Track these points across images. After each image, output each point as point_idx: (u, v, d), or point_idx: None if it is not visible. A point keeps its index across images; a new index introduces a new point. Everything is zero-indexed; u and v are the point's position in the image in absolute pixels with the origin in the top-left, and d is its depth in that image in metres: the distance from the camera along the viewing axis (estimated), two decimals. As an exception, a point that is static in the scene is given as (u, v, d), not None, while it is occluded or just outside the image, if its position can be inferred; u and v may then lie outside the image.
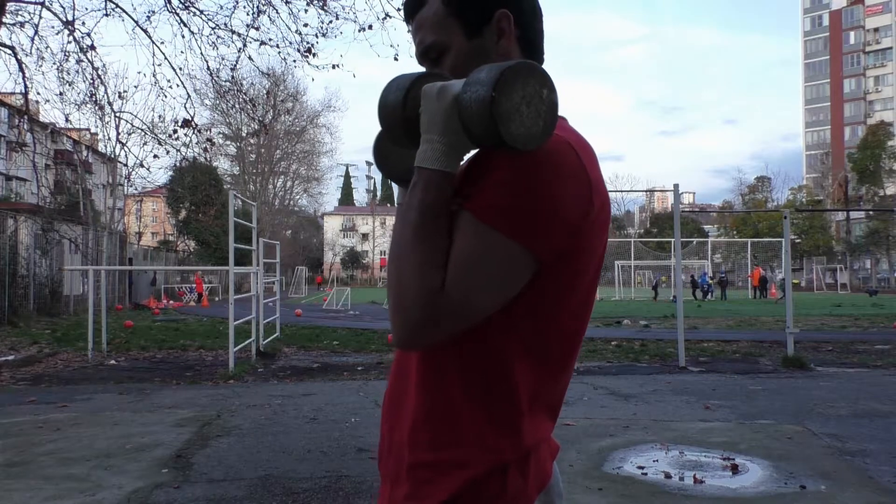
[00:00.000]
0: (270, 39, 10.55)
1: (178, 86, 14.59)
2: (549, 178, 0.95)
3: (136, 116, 20.73)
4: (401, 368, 1.10)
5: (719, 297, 34.36)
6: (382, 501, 1.10)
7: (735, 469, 4.45)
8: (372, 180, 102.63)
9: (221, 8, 27.97)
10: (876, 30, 76.32)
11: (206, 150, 12.80)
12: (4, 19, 9.90)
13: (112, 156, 29.33)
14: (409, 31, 1.15)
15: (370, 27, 10.21)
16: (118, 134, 13.14)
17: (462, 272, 0.94)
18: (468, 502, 0.99)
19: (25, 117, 13.43)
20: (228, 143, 47.73)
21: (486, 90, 0.91)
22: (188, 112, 11.16)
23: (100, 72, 11.07)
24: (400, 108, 1.02)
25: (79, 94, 12.35)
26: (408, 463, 1.03)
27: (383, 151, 1.18)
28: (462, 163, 1.03)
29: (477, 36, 1.07)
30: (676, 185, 10.34)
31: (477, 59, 1.07)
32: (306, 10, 10.33)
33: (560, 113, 1.09)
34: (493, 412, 1.00)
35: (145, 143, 27.38)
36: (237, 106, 13.83)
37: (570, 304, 1.03)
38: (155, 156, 29.75)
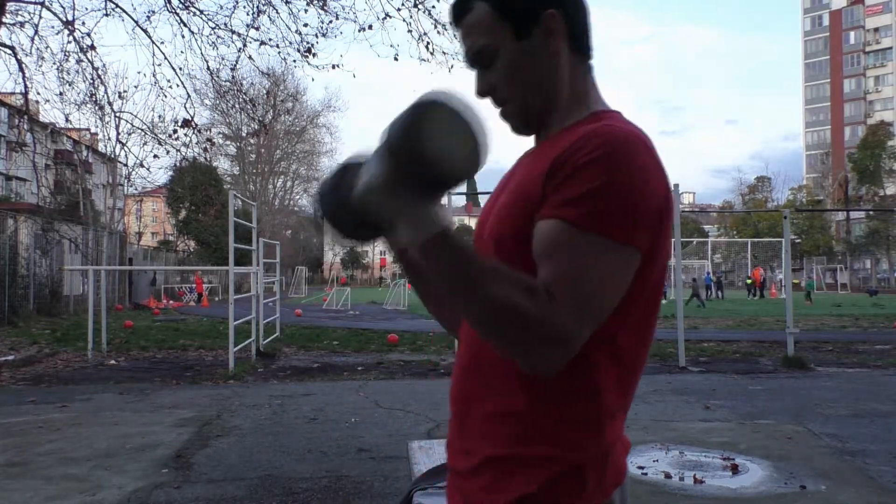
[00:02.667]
0: (270, 39, 10.54)
1: (178, 86, 14.55)
2: (636, 170, 0.96)
3: (136, 116, 20.71)
4: (474, 362, 1.08)
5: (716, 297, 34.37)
6: (453, 492, 1.09)
7: (735, 469, 4.44)
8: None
9: (221, 8, 28.02)
10: (876, 30, 76.30)
11: (206, 150, 12.79)
12: (4, 19, 9.90)
13: (112, 156, 29.33)
14: (455, 37, 1.15)
15: (370, 27, 10.22)
16: (118, 134, 13.13)
17: (580, 278, 0.93)
18: (546, 499, 0.98)
19: (25, 117, 13.43)
20: (228, 143, 47.72)
21: (399, 143, 0.91)
22: (188, 112, 11.16)
23: (100, 72, 11.08)
24: (344, 213, 1.03)
25: (79, 94, 12.33)
26: (487, 455, 1.03)
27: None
28: (531, 166, 1.03)
29: (526, 37, 1.07)
30: (676, 185, 10.34)
31: (528, 62, 1.07)
32: (306, 10, 10.33)
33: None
34: (577, 410, 1.00)
35: (145, 143, 27.33)
36: (237, 106, 13.81)
37: (651, 290, 1.04)
38: (155, 156, 29.65)
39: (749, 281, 36.51)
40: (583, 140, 0.98)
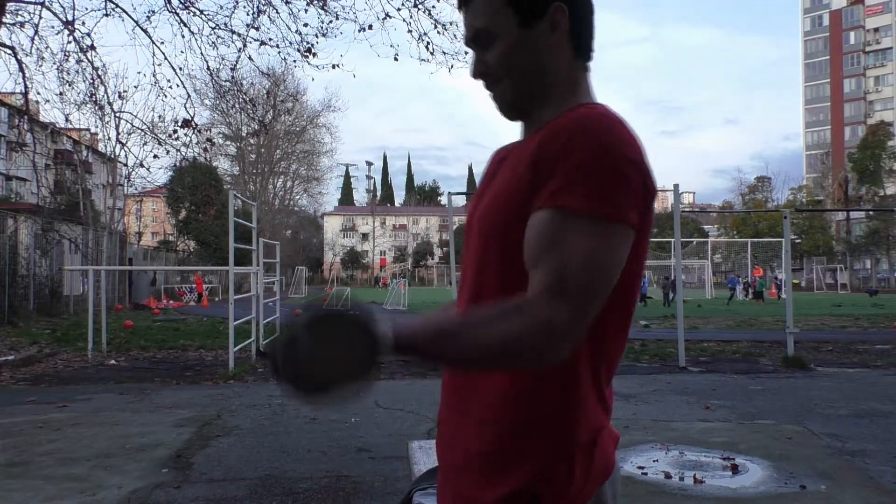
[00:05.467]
0: (270, 39, 10.58)
1: (178, 86, 14.60)
2: (611, 144, 0.97)
3: (136, 116, 20.75)
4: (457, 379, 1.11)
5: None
6: (443, 490, 1.10)
7: (735, 469, 4.44)
8: (372, 180, 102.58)
9: (221, 8, 28.00)
10: (876, 30, 76.28)
11: (206, 150, 12.81)
12: (4, 19, 9.90)
13: (112, 156, 29.29)
14: (461, 14, 1.15)
15: (370, 27, 10.24)
16: (118, 134, 13.17)
17: (577, 271, 0.94)
18: (539, 489, 0.99)
19: (25, 117, 13.44)
20: (228, 143, 47.71)
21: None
22: (188, 112, 11.19)
23: (100, 72, 11.10)
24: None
25: (79, 94, 12.35)
26: (477, 451, 1.03)
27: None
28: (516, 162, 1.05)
29: (529, 27, 1.08)
30: (676, 185, 10.34)
31: (526, 50, 1.08)
32: (306, 10, 10.36)
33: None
34: (564, 399, 1.01)
35: (145, 143, 27.35)
36: (237, 106, 13.82)
37: (637, 275, 1.05)
38: (155, 156, 29.80)
39: (748, 280, 36.50)
40: (559, 126, 1.00)
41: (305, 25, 14.81)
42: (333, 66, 10.76)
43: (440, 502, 1.11)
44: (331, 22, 10.29)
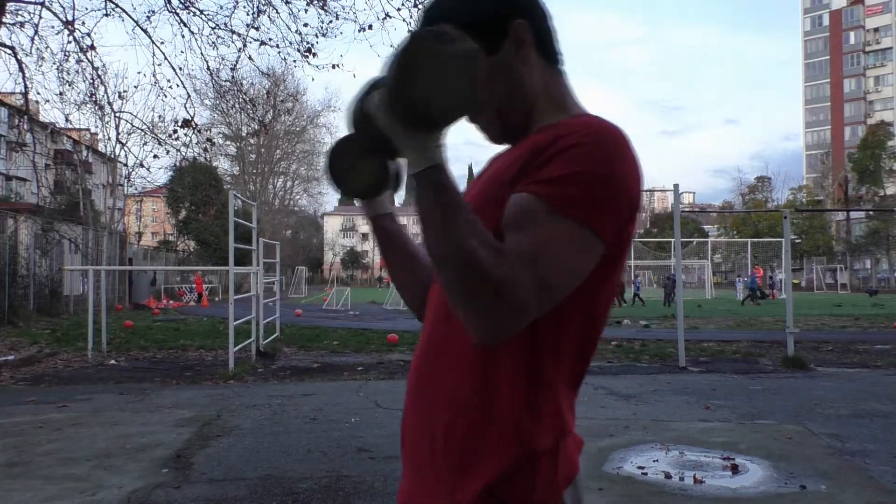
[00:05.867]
0: (270, 39, 10.60)
1: (178, 86, 14.62)
2: (619, 163, 0.97)
3: (136, 116, 20.75)
4: (431, 357, 1.09)
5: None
6: (407, 489, 1.10)
7: (735, 469, 4.44)
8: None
9: (221, 8, 28.01)
10: (876, 30, 76.29)
11: (206, 150, 12.81)
12: (4, 19, 9.91)
13: (112, 156, 29.31)
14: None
15: (370, 27, 10.25)
16: (118, 134, 13.23)
17: (543, 256, 0.93)
18: (502, 491, 0.99)
19: (25, 117, 13.44)
20: (228, 143, 47.73)
21: (392, 85, 0.92)
22: (188, 112, 11.20)
23: (100, 72, 11.10)
24: (362, 124, 1.06)
25: (79, 94, 12.39)
26: (442, 451, 1.03)
27: (341, 167, 1.20)
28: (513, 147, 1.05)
29: (496, 51, 1.08)
30: (676, 185, 10.34)
31: (500, 75, 1.08)
32: (306, 10, 10.36)
33: None
34: (529, 401, 1.01)
35: (145, 143, 27.43)
36: (237, 106, 13.83)
37: (607, 289, 1.05)
38: (155, 156, 29.87)
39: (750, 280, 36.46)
40: (570, 128, 0.99)
41: (305, 25, 14.80)
42: (333, 66, 10.78)
43: (401, 501, 1.11)
44: (331, 22, 10.31)
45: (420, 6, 9.84)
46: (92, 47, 10.57)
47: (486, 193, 1.06)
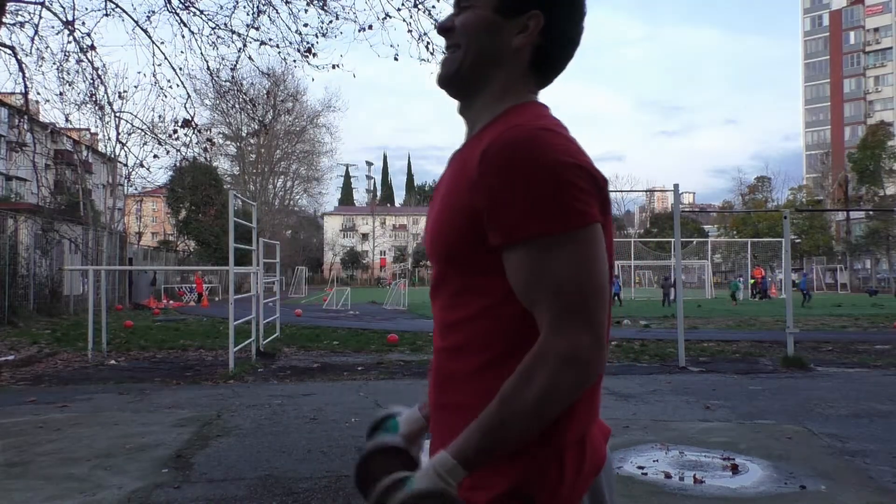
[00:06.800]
0: (270, 39, 10.56)
1: (178, 86, 14.58)
2: (545, 162, 0.98)
3: (136, 116, 20.73)
4: (450, 352, 1.10)
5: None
6: None
7: (735, 469, 4.44)
8: (372, 180, 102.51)
9: (221, 8, 27.92)
10: (876, 30, 76.28)
11: (206, 150, 12.80)
12: (4, 19, 9.90)
13: (112, 156, 29.32)
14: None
15: (370, 27, 10.22)
16: (118, 134, 13.17)
17: (575, 286, 0.97)
18: (530, 488, 1.00)
19: (25, 117, 13.44)
20: (228, 143, 47.75)
21: None
22: (188, 112, 11.17)
23: (100, 72, 11.08)
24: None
25: (79, 94, 12.35)
26: None
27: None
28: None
29: (503, 15, 1.11)
30: (676, 185, 10.35)
31: (490, 33, 1.11)
32: (306, 10, 10.34)
33: (558, 115, 1.10)
34: None
35: (145, 143, 27.40)
36: (237, 106, 13.83)
37: (608, 261, 1.07)
38: (155, 156, 29.68)
39: (752, 281, 36.49)
40: (489, 155, 1.00)
41: (305, 25, 14.79)
42: (333, 66, 10.75)
43: None
44: (331, 22, 10.29)
45: (420, 6, 9.84)
46: (92, 47, 10.56)
47: (442, 218, 1.08)
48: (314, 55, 10.46)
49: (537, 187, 0.96)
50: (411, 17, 10.28)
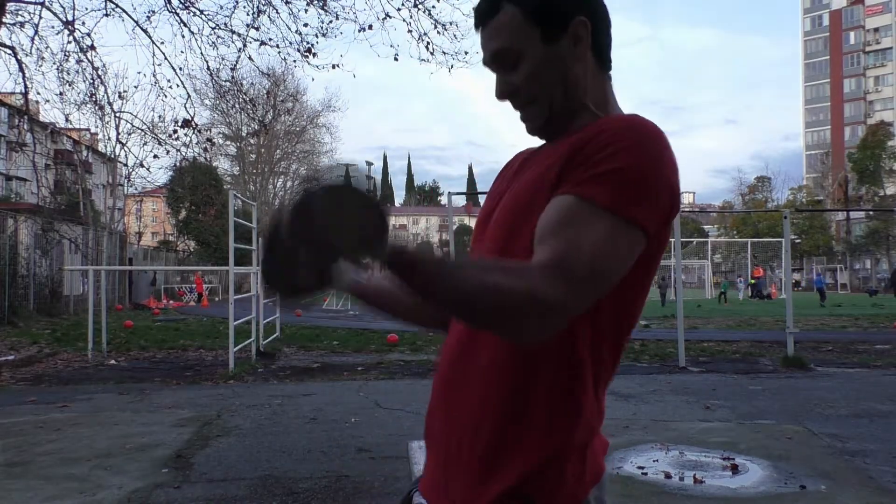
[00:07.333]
0: (270, 39, 10.57)
1: (178, 86, 14.58)
2: (662, 159, 0.98)
3: (136, 116, 20.70)
4: (460, 352, 1.09)
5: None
6: (435, 486, 1.09)
7: (735, 469, 4.44)
8: (372, 180, 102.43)
9: (221, 8, 27.99)
10: (876, 30, 76.28)
11: (206, 150, 12.80)
12: (4, 19, 9.90)
13: (112, 156, 29.32)
14: (479, 37, 1.13)
15: (370, 27, 10.24)
16: (118, 134, 13.17)
17: (584, 254, 0.93)
18: (531, 490, 0.99)
19: (25, 117, 13.44)
20: (228, 143, 47.68)
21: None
22: (188, 112, 11.18)
23: (100, 72, 11.09)
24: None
25: (79, 94, 12.33)
26: (470, 449, 1.03)
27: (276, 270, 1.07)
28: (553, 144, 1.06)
29: (553, 42, 1.08)
30: (676, 185, 10.34)
31: (553, 67, 1.08)
32: (306, 10, 10.35)
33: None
34: (560, 400, 1.01)
35: (145, 143, 27.29)
36: (237, 106, 13.83)
37: (644, 286, 1.05)
38: (155, 156, 29.60)
39: (752, 281, 36.52)
40: (610, 124, 1.00)
41: (305, 25, 14.77)
42: (333, 66, 10.76)
43: (430, 499, 1.10)
44: (331, 22, 10.29)
45: (420, 6, 9.84)
46: (92, 47, 10.56)
47: (524, 200, 1.05)
48: (314, 55, 10.48)
49: (631, 169, 0.95)
50: (411, 17, 10.26)
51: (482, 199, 1.43)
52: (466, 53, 10.49)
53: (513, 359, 1.02)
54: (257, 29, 10.35)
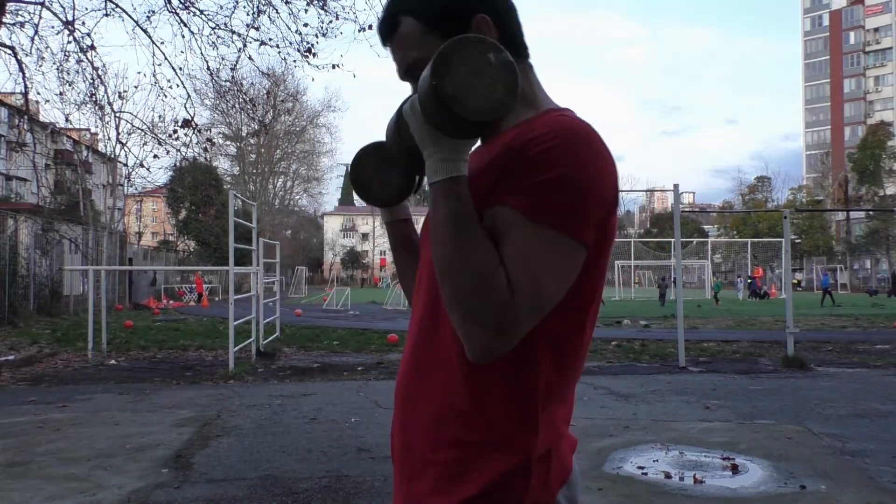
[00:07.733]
0: (270, 39, 10.58)
1: (178, 86, 14.61)
2: (590, 163, 0.97)
3: (136, 116, 20.76)
4: (420, 363, 1.08)
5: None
6: (400, 497, 1.09)
7: (735, 469, 4.45)
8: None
9: (221, 8, 27.93)
10: (876, 30, 76.28)
11: (206, 150, 12.81)
12: (4, 19, 9.91)
13: (112, 156, 29.31)
14: (388, 52, 1.14)
15: (370, 27, 10.24)
16: (118, 134, 13.18)
17: (530, 270, 0.93)
18: (494, 498, 0.98)
19: (25, 117, 13.44)
20: (228, 143, 47.72)
21: (427, 83, 0.92)
22: (188, 112, 11.19)
23: (100, 72, 11.09)
24: (396, 135, 1.08)
25: (79, 94, 12.37)
26: (431, 458, 1.02)
27: (364, 174, 1.25)
28: (486, 154, 1.04)
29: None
30: (676, 185, 10.35)
31: None
32: (306, 10, 10.36)
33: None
34: (520, 408, 1.00)
35: (145, 143, 27.33)
36: (237, 106, 13.84)
37: (593, 286, 1.04)
38: (155, 156, 29.57)
39: (751, 280, 36.53)
40: (538, 131, 0.98)
41: (305, 25, 14.78)
42: (333, 66, 10.77)
43: (395, 502, 1.11)
44: (331, 22, 10.30)
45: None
46: (92, 47, 10.57)
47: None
48: (314, 55, 10.48)
49: (565, 176, 0.94)
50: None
51: None
52: None
53: (465, 378, 1.01)
54: (257, 29, 10.37)
